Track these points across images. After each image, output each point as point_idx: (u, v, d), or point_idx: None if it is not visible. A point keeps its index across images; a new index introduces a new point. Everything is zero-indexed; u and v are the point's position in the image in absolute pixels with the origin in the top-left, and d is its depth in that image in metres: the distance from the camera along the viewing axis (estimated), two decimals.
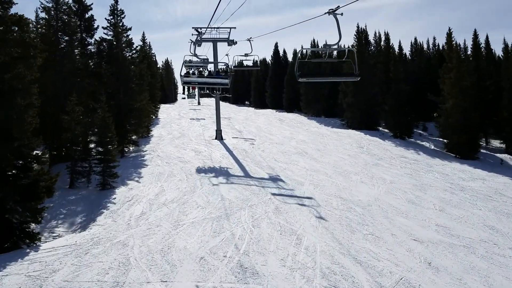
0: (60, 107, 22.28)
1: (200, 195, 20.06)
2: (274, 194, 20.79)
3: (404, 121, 40.90)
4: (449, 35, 37.97)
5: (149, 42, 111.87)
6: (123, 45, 32.98)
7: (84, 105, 26.51)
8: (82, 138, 21.53)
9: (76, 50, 31.19)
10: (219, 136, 38.03)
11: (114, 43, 32.54)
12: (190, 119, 60.03)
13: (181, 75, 26.84)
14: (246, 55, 34.53)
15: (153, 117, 55.31)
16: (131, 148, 32.29)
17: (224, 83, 27.96)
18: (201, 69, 27.47)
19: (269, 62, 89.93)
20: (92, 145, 23.04)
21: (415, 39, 56.05)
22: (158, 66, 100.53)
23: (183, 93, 36.71)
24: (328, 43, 16.05)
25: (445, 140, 38.15)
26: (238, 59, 41.66)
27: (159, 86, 63.54)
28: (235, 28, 38.24)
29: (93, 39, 32.84)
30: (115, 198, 19.59)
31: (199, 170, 25.67)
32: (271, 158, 30.45)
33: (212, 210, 17.80)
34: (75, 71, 26.68)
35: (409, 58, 67.39)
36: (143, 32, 62.33)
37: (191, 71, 26.75)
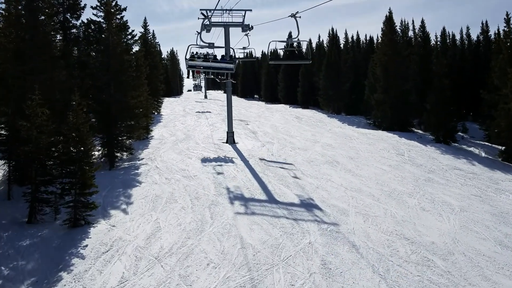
0: (18, 109, 16.29)
1: (211, 239, 14.06)
2: (314, 233, 14.81)
3: (449, 122, 34.61)
4: (507, 21, 31.55)
5: (153, 31, 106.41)
6: (115, 28, 26.91)
7: (62, 104, 20.60)
8: (48, 152, 15.57)
9: (58, 36, 25.22)
10: (230, 139, 32.01)
11: (104, 26, 26.49)
12: (196, 112, 56.51)
13: (186, 59, 25.63)
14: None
15: (155, 113, 49.41)
16: (124, 155, 26.31)
17: (229, 68, 26.76)
18: (206, 52, 26.63)
19: (281, 53, 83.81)
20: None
21: (444, 29, 49.72)
22: (163, 56, 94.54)
23: (188, 77, 32.10)
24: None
25: (500, 147, 31.93)
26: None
27: (162, 78, 57.39)
28: (251, 10, 32.20)
29: (79, 21, 26.82)
30: (86, 246, 13.57)
31: (208, 191, 19.70)
32: (296, 170, 24.44)
33: (229, 270, 11.82)
34: (52, 60, 20.65)
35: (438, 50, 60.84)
36: (145, 18, 56.10)
37: (196, 55, 25.77)
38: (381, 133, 39.40)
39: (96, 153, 25.43)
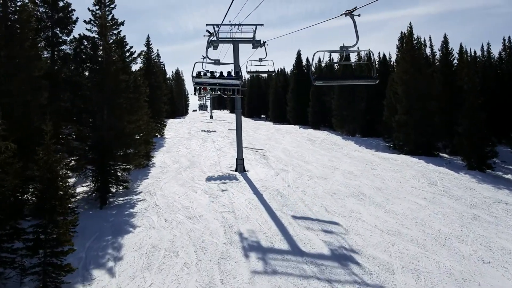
0: None
1: None
2: None
3: (483, 146, 31.03)
4: None
5: (157, 50, 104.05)
6: (111, 44, 23.84)
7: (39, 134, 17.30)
8: (13, 198, 12.17)
9: (45, 53, 22.17)
10: (240, 167, 28.58)
11: (99, 42, 23.41)
12: (202, 130, 56.87)
13: (192, 76, 24.84)
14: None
15: (158, 136, 46.18)
16: (120, 189, 22.85)
17: (235, 84, 26.11)
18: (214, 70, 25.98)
19: (289, 72, 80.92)
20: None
21: (461, 46, 46.44)
22: (167, 76, 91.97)
23: (195, 94, 29.74)
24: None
25: None
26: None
27: (166, 99, 54.38)
28: (262, 25, 29.05)
29: (71, 37, 23.77)
30: None
31: (217, 237, 16.18)
32: (318, 206, 20.91)
33: None
34: (32, 81, 17.48)
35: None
36: (148, 36, 53.58)
37: (202, 73, 25.33)
38: (405, 158, 35.82)
39: (85, 188, 22.09)
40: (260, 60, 28.39)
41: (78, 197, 22.50)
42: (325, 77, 27.51)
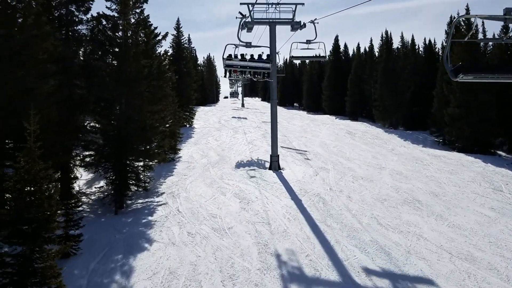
0: None
1: None
2: None
3: None
4: None
5: (188, 35, 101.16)
6: (132, 25, 21.08)
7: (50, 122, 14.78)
8: None
9: (58, 33, 19.55)
10: (275, 165, 25.52)
11: (119, 21, 20.66)
12: (232, 117, 55.97)
13: (223, 58, 23.98)
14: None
15: (187, 125, 43.64)
16: (140, 190, 20.19)
17: (266, 68, 25.01)
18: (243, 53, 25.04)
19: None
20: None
21: None
22: (199, 62, 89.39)
23: (225, 76, 27.41)
24: None
25: None
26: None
27: (196, 86, 51.69)
28: (303, 4, 25.69)
29: (88, 16, 21.07)
30: None
31: (249, 261, 13.23)
32: (368, 217, 17.67)
33: None
34: (35, 65, 14.87)
35: None
36: (178, 19, 50.61)
37: (233, 55, 24.50)
38: (459, 157, 31.84)
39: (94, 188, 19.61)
40: (308, 42, 25.11)
41: (93, 197, 20.12)
42: (475, 68, 13.73)
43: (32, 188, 8.91)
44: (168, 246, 14.03)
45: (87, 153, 19.61)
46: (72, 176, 19.76)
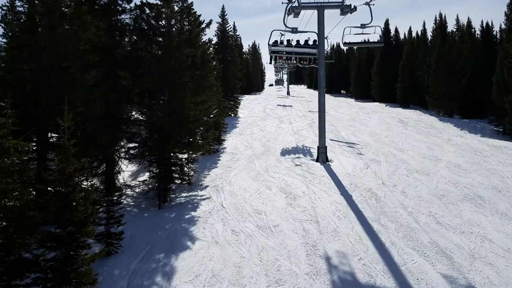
0: None
1: None
2: None
3: None
4: None
5: (233, 23, 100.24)
6: (176, 14, 20.48)
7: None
8: (21, 220, 9.06)
9: (101, 23, 19.24)
10: (322, 156, 24.38)
11: (163, 10, 20.12)
12: (277, 105, 56.02)
13: (268, 44, 24.27)
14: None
15: (231, 115, 43.11)
16: (184, 183, 19.72)
17: (312, 53, 25.03)
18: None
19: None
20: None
21: None
22: (243, 50, 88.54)
23: (270, 62, 26.86)
24: None
25: None
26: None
27: (240, 75, 50.99)
28: None
29: (132, 4, 20.69)
30: None
31: (297, 264, 12.33)
32: (426, 215, 16.27)
33: None
34: (77, 56, 14.52)
35: None
36: (223, 6, 49.79)
37: (279, 41, 25.32)
38: None
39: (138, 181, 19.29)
40: (363, 26, 24.01)
41: (137, 190, 19.87)
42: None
43: (66, 189, 8.42)
44: (211, 245, 13.37)
45: (131, 145, 19.34)
46: (117, 168, 19.61)
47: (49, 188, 8.76)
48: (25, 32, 13.89)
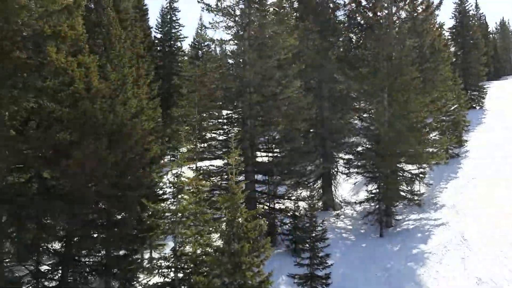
0: None
1: None
2: None
3: None
4: None
5: (476, 0, 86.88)
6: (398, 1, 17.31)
7: None
8: None
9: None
10: None
11: None
12: None
13: None
14: None
15: (476, 107, 36.38)
16: (410, 204, 16.26)
17: None
18: None
19: None
20: None
21: None
22: (489, 30, 75.89)
23: None
24: None
25: None
26: None
27: (485, 59, 42.75)
28: None
29: None
30: None
31: None
32: None
33: None
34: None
35: None
36: None
37: None
38: None
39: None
40: None
41: (357, 208, 17.32)
42: None
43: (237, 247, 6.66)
44: None
45: (346, 157, 17.16)
46: (334, 183, 17.73)
47: None
48: None
